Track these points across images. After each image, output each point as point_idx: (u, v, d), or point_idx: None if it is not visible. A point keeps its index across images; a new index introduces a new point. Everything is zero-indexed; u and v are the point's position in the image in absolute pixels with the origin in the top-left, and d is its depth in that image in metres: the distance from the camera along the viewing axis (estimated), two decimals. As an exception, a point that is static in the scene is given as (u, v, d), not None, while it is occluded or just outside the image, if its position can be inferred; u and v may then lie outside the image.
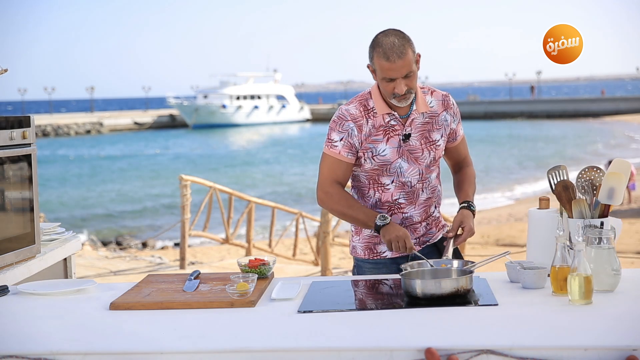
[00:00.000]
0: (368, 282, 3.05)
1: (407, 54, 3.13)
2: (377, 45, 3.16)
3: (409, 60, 3.13)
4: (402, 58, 3.11)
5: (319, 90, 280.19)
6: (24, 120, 3.53)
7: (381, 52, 3.13)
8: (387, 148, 3.27)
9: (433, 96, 3.37)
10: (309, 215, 12.50)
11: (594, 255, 2.71)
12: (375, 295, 2.88)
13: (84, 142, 53.66)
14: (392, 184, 3.31)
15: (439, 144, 3.37)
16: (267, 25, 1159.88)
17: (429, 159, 3.34)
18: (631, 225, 14.07)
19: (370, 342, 2.27)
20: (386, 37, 3.15)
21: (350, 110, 3.29)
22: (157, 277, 3.17)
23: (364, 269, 3.40)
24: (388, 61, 3.12)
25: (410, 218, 3.36)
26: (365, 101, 3.31)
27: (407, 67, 3.13)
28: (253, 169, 36.31)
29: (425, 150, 3.33)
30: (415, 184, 3.33)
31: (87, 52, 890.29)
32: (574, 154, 38.28)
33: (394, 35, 3.15)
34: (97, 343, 2.35)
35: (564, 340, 2.22)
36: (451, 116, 3.40)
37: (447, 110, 3.39)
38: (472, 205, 3.39)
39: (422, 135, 3.32)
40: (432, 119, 3.34)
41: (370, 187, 3.34)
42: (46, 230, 3.86)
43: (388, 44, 3.13)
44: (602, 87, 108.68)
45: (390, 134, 3.28)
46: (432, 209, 3.43)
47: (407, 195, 3.33)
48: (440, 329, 2.38)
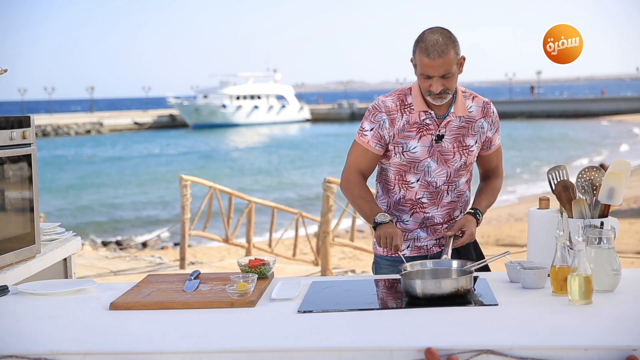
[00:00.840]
0: (368, 282, 3.05)
1: (449, 54, 3.12)
2: (420, 41, 3.17)
3: (450, 60, 3.13)
4: (442, 57, 3.11)
5: (319, 90, 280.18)
6: (24, 120, 3.53)
7: (423, 47, 3.14)
8: (418, 145, 3.28)
9: (474, 102, 3.37)
10: (309, 215, 12.49)
11: (594, 255, 2.71)
12: (376, 295, 2.88)
13: (84, 142, 53.64)
14: (417, 182, 3.32)
15: (472, 149, 3.36)
16: (267, 25, 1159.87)
17: (460, 162, 3.34)
18: (631, 225, 14.06)
19: (370, 342, 2.27)
20: (432, 33, 3.16)
21: (386, 102, 3.31)
22: (157, 277, 3.17)
23: (381, 266, 3.42)
24: (428, 58, 3.12)
25: (432, 219, 3.36)
26: (403, 96, 3.32)
27: (447, 67, 3.13)
28: (253, 169, 36.31)
29: (457, 153, 3.32)
30: (440, 185, 3.33)
31: (87, 52, 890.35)
32: (574, 154, 38.27)
33: (440, 34, 3.16)
34: (97, 343, 2.35)
35: (564, 340, 2.22)
36: (489, 124, 3.39)
37: (486, 118, 3.38)
38: (479, 214, 3.37)
39: (456, 138, 3.31)
40: (468, 123, 3.34)
41: (395, 183, 3.35)
42: (46, 230, 3.86)
43: (431, 40, 3.13)
44: (602, 87, 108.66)
45: (424, 132, 3.28)
46: (457, 212, 3.42)
47: (430, 196, 3.34)
48: (440, 329, 2.38)
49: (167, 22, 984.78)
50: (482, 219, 3.38)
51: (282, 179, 32.67)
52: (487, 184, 3.54)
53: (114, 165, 38.58)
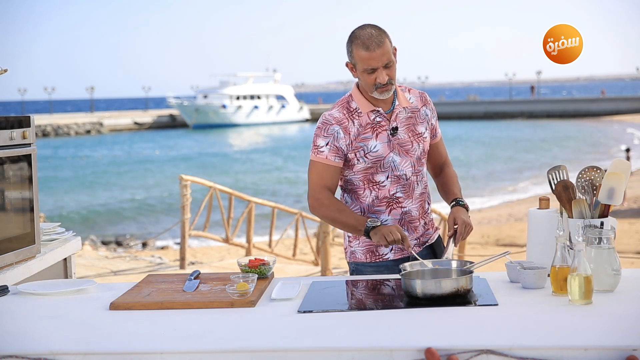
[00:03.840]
0: (368, 282, 3.05)
1: (386, 43, 3.19)
2: (355, 38, 3.22)
3: (388, 49, 3.19)
4: (381, 47, 3.17)
5: (319, 90, 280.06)
6: (24, 120, 3.53)
7: (360, 43, 3.18)
8: (377, 144, 3.29)
9: (411, 93, 3.44)
10: (309, 215, 12.49)
11: (594, 255, 2.71)
12: (375, 296, 2.88)
13: (84, 142, 53.63)
14: (388, 179, 3.32)
15: (425, 136, 3.42)
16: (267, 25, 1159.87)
17: (419, 150, 3.38)
18: (631, 225, 14.07)
19: (370, 342, 2.27)
20: (363, 29, 3.22)
21: (333, 114, 3.31)
22: (157, 277, 3.17)
23: (364, 273, 3.36)
24: (368, 50, 3.16)
25: (409, 213, 3.36)
26: (347, 104, 3.34)
27: (387, 55, 3.18)
28: (253, 169, 36.31)
29: (414, 142, 3.36)
30: (410, 177, 3.35)
31: (87, 52, 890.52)
32: (574, 154, 38.27)
33: (370, 27, 3.22)
34: (97, 343, 2.35)
35: (564, 340, 2.22)
36: (430, 111, 3.47)
37: (427, 106, 3.45)
38: (462, 201, 3.40)
39: (409, 128, 3.36)
40: (414, 113, 3.39)
41: (365, 188, 3.34)
42: (46, 230, 3.86)
43: (366, 34, 3.19)
44: (602, 87, 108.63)
45: (379, 130, 3.30)
46: (426, 205, 3.45)
47: (403, 189, 3.34)
48: (440, 329, 2.38)
49: (167, 22, 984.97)
50: (466, 203, 3.41)
51: (282, 178, 32.67)
52: (445, 175, 3.57)
53: (113, 165, 38.57)
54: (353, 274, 3.43)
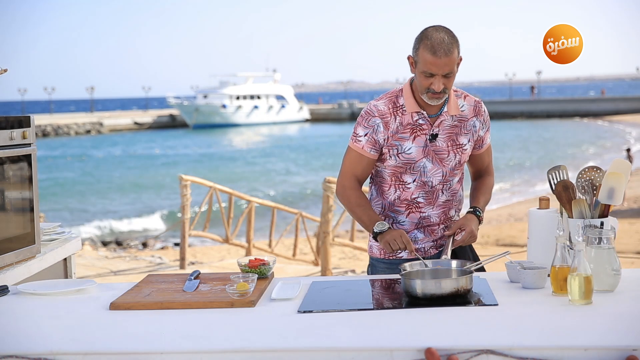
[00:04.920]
0: (368, 282, 3.05)
1: (453, 53, 3.11)
2: (425, 38, 3.13)
3: (454, 60, 3.12)
4: (448, 56, 3.09)
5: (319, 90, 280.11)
6: (24, 120, 3.53)
7: (429, 45, 3.10)
8: (413, 146, 3.27)
9: (465, 100, 3.36)
10: (309, 215, 12.49)
11: (594, 255, 2.71)
12: (376, 295, 2.88)
13: (84, 142, 53.62)
14: (414, 182, 3.31)
15: (466, 148, 3.35)
16: (267, 25, 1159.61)
17: (454, 161, 3.33)
18: (631, 225, 14.06)
19: (370, 342, 2.27)
20: (436, 31, 3.13)
21: (378, 106, 3.29)
22: (157, 277, 3.17)
23: (378, 269, 3.40)
24: (434, 55, 3.09)
25: (428, 218, 3.36)
26: (395, 98, 3.30)
27: (450, 66, 3.11)
28: (253, 169, 36.30)
29: (451, 152, 3.32)
30: (436, 185, 3.33)
31: (87, 52, 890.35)
32: (574, 154, 38.26)
33: (445, 32, 3.13)
34: (97, 343, 2.35)
35: (564, 340, 2.22)
36: (481, 123, 3.38)
37: (478, 117, 3.37)
38: (478, 211, 3.37)
39: (449, 137, 3.31)
40: (461, 122, 3.33)
41: (391, 185, 3.34)
42: (46, 230, 3.86)
43: (438, 38, 3.11)
44: (602, 87, 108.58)
45: (418, 133, 3.27)
46: (452, 212, 3.42)
47: (426, 195, 3.33)
48: (440, 329, 2.38)
49: (167, 22, 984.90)
50: (482, 215, 3.37)
51: (282, 178, 32.67)
52: (480, 182, 3.53)
53: (113, 165, 38.56)
54: (369, 268, 3.48)
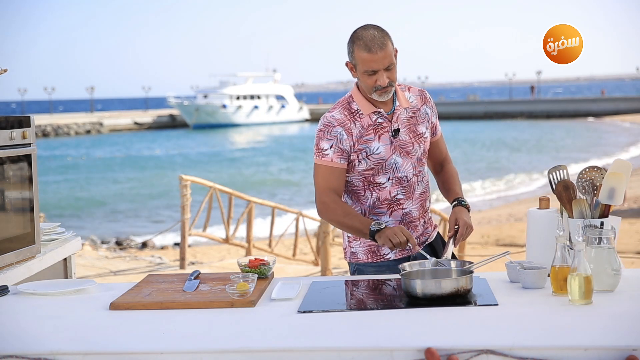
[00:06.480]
0: (368, 282, 3.05)
1: (388, 46, 3.16)
2: (357, 39, 3.18)
3: (390, 51, 3.17)
4: (383, 49, 3.14)
5: (319, 90, 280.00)
6: (24, 120, 3.53)
7: (362, 44, 3.15)
8: (380, 145, 3.29)
9: (410, 92, 3.42)
10: (309, 215, 12.49)
11: (594, 255, 2.71)
12: (375, 296, 2.88)
13: (84, 142, 53.62)
14: (389, 181, 3.31)
15: (426, 136, 3.41)
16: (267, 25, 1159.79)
17: (420, 151, 3.38)
18: (631, 225, 14.06)
19: (370, 342, 2.27)
20: (365, 30, 3.19)
21: (335, 116, 3.29)
22: (157, 277, 3.17)
23: (366, 273, 3.35)
24: (370, 52, 3.14)
25: (410, 214, 3.36)
26: (347, 105, 3.32)
27: (389, 58, 3.16)
28: (253, 169, 36.30)
29: (415, 143, 3.36)
30: (411, 178, 3.35)
31: (87, 52, 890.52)
32: (574, 154, 38.26)
33: (373, 28, 3.19)
34: (97, 343, 2.35)
35: (564, 340, 2.22)
36: (430, 109, 3.45)
37: (426, 104, 3.44)
38: (463, 201, 3.39)
39: (410, 129, 3.35)
40: (414, 113, 3.38)
41: (365, 189, 3.33)
42: (46, 230, 3.86)
43: (368, 36, 3.16)
44: (602, 87, 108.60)
45: (381, 132, 3.30)
46: (427, 203, 3.45)
47: (404, 190, 3.34)
48: (440, 329, 2.38)
49: (167, 22, 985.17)
50: (468, 203, 3.39)
51: (282, 178, 32.67)
52: (445, 172, 3.55)
53: (113, 165, 38.56)
54: (354, 275, 3.42)
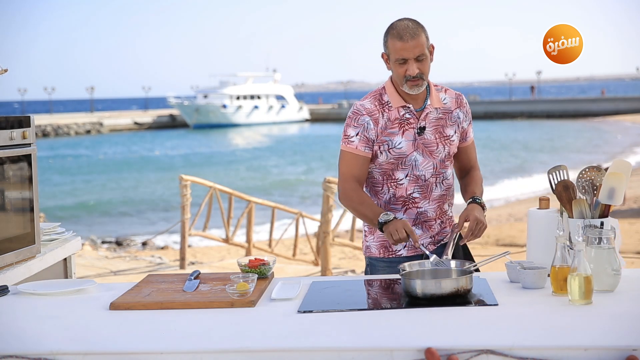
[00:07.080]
0: (368, 282, 3.05)
1: (420, 36, 3.21)
2: (391, 29, 3.26)
3: (422, 42, 3.21)
4: (415, 39, 3.19)
5: (319, 90, 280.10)
6: (24, 120, 3.53)
7: (395, 33, 3.22)
8: (402, 141, 3.31)
9: (447, 94, 3.42)
10: (309, 215, 12.49)
11: (594, 255, 2.71)
12: (376, 295, 2.88)
13: (84, 142, 53.62)
14: (406, 178, 3.33)
15: (453, 139, 3.40)
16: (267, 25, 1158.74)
17: (444, 153, 3.37)
18: (631, 225, 14.06)
19: (370, 342, 2.27)
20: (400, 21, 3.27)
21: (365, 105, 3.33)
22: (157, 277, 3.17)
23: (377, 268, 3.40)
24: (401, 40, 3.19)
25: (425, 213, 3.37)
26: (379, 96, 3.35)
27: (420, 48, 3.20)
28: (253, 169, 36.30)
29: (440, 144, 3.36)
30: (429, 178, 3.35)
31: (87, 52, 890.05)
32: (574, 154, 38.25)
33: (408, 20, 3.27)
34: (97, 343, 2.35)
35: (564, 340, 2.22)
36: (464, 114, 3.45)
37: (460, 108, 3.44)
38: (478, 199, 3.37)
39: (437, 129, 3.36)
40: (445, 114, 3.38)
41: (383, 183, 3.36)
42: (46, 230, 3.86)
43: (402, 25, 3.23)
44: (602, 87, 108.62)
45: (406, 127, 3.31)
46: (446, 206, 3.44)
47: (421, 190, 3.35)
48: (440, 329, 2.38)
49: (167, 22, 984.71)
50: (484, 202, 3.38)
51: (282, 178, 32.67)
52: (470, 177, 3.54)
53: (113, 165, 38.56)
54: (367, 269, 3.47)
